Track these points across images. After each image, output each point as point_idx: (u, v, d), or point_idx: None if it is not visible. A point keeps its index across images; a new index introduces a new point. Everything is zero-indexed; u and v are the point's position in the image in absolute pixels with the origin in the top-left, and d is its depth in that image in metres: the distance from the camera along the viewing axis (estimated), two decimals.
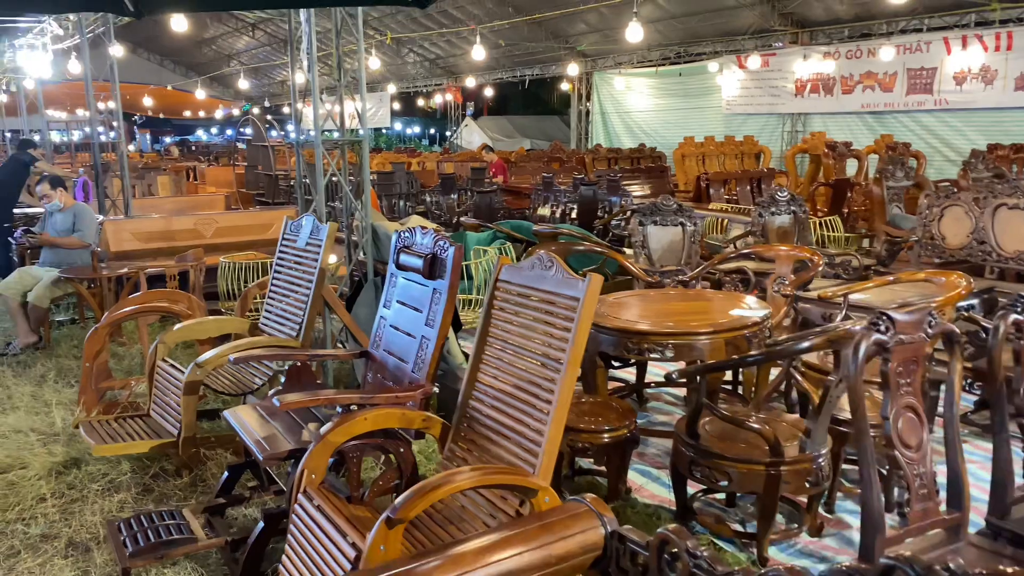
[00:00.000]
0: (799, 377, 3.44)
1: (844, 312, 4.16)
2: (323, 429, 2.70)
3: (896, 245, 6.78)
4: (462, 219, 7.44)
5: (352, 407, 2.86)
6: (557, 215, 9.97)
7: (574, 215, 9.00)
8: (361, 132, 4.63)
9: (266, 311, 4.46)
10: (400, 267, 3.40)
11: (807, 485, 3.00)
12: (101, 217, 7.70)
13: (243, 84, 24.22)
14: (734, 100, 17.20)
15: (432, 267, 3.18)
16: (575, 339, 2.49)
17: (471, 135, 25.91)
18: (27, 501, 3.58)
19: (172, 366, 4.13)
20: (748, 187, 11.30)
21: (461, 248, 3.08)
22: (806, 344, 2.83)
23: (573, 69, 18.19)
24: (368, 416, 2.74)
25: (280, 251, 4.51)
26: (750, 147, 15.72)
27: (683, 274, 5.49)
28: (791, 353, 3.02)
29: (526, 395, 2.63)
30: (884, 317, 2.17)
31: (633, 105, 19.93)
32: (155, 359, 4.23)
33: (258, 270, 6.18)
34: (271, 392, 3.44)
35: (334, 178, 4.67)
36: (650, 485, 3.67)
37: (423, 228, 3.34)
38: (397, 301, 3.41)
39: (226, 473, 3.33)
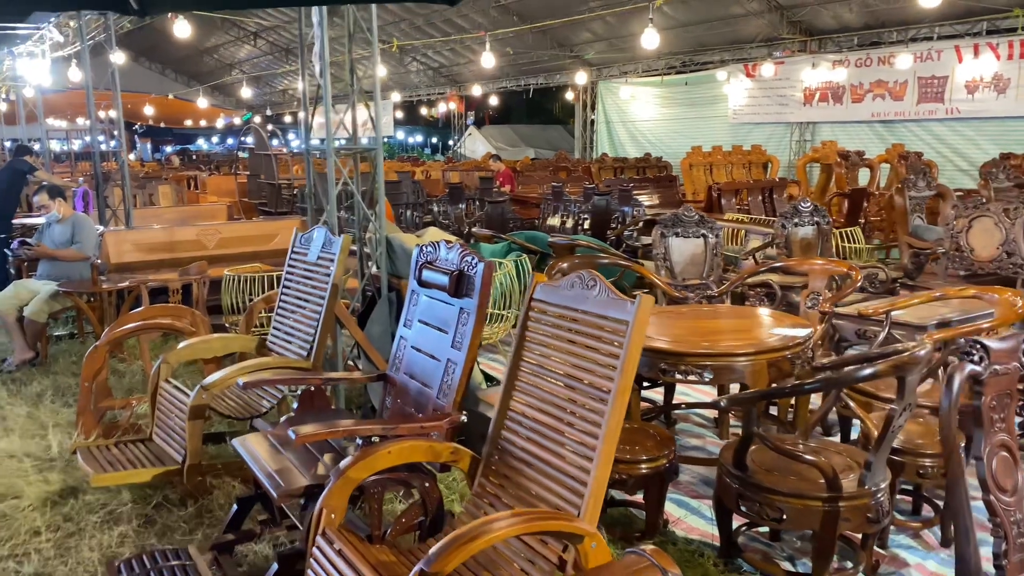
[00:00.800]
0: (849, 402, 3.20)
1: (887, 331, 3.94)
2: (343, 464, 2.47)
3: (922, 257, 6.56)
4: (474, 230, 7.21)
5: (373, 438, 2.63)
6: (568, 225, 9.75)
7: (587, 225, 8.77)
8: (375, 140, 4.40)
9: (274, 329, 4.23)
10: (423, 284, 3.17)
11: (867, 522, 2.76)
12: (101, 228, 7.48)
13: (245, 92, 24.04)
14: (741, 109, 17.02)
15: (459, 285, 2.95)
16: (624, 366, 2.26)
17: (474, 144, 25.75)
18: (20, 535, 3.34)
19: (176, 388, 3.89)
20: (760, 197, 11.09)
21: (492, 265, 2.85)
22: (869, 371, 2.60)
23: (582, 77, 18.00)
24: (392, 449, 2.51)
25: (289, 265, 4.28)
26: (758, 156, 15.54)
27: (708, 288, 5.27)
28: (853, 381, 2.79)
29: (568, 427, 2.40)
30: (978, 346, 1.94)
31: (638, 114, 19.74)
32: (158, 380, 4.00)
33: (263, 283, 5.95)
34: (283, 419, 3.21)
35: (346, 186, 4.44)
36: (689, 518, 3.43)
37: (447, 242, 3.12)
38: (419, 321, 3.18)
39: (235, 506, 3.10)
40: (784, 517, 2.77)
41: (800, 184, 12.06)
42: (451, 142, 29.31)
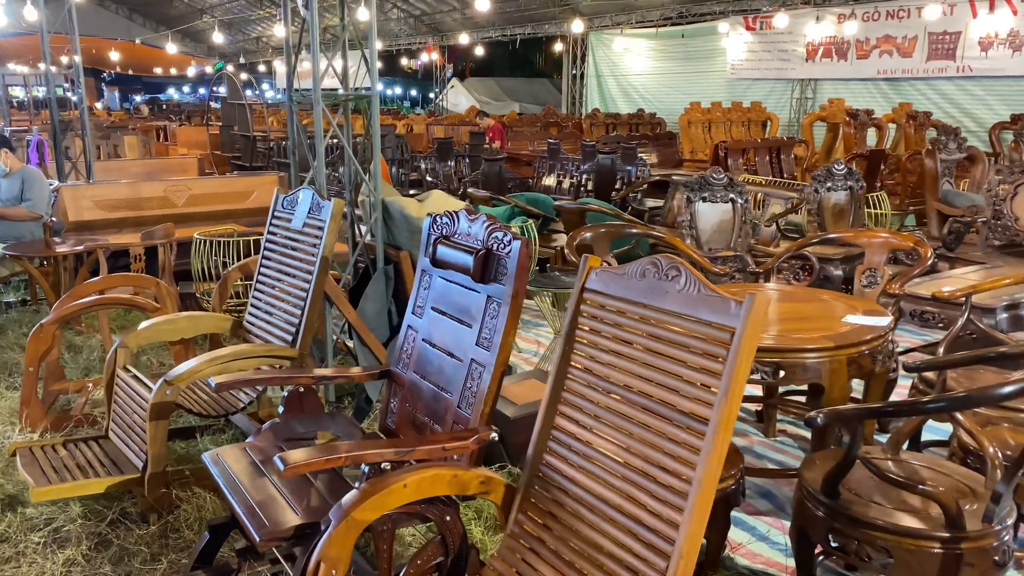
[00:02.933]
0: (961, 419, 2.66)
1: (966, 316, 3.40)
2: (346, 501, 1.90)
3: (962, 226, 6.04)
4: (470, 191, 6.58)
5: (383, 464, 2.05)
6: (565, 185, 9.14)
7: (590, 186, 8.16)
8: (369, 88, 3.75)
9: (252, 308, 3.61)
10: (437, 264, 2.56)
11: (993, 566, 2.24)
12: (56, 183, 6.75)
13: (217, 38, 22.90)
14: (740, 64, 16.32)
15: (486, 267, 2.36)
16: (730, 388, 1.69)
17: (457, 97, 24.83)
18: None
19: (136, 378, 3.27)
20: (767, 157, 10.50)
21: (529, 244, 2.25)
22: (1011, 389, 2.05)
23: (577, 26, 17.12)
24: (408, 482, 1.94)
25: (270, 232, 3.65)
26: (757, 114, 14.91)
27: (743, 263, 4.71)
28: (992, 401, 2.25)
29: (644, 462, 1.84)
30: None
31: (631, 68, 18.97)
32: (114, 367, 3.38)
33: (238, 248, 5.29)
34: (266, 425, 2.62)
35: (333, 139, 3.80)
36: (754, 544, 2.90)
37: (469, 213, 2.51)
38: (434, 308, 2.58)
39: (206, 535, 2.52)
40: (891, 560, 2.24)
41: (808, 144, 11.48)
42: (432, 95, 28.31)
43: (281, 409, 2.61)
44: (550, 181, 9.58)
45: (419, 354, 2.59)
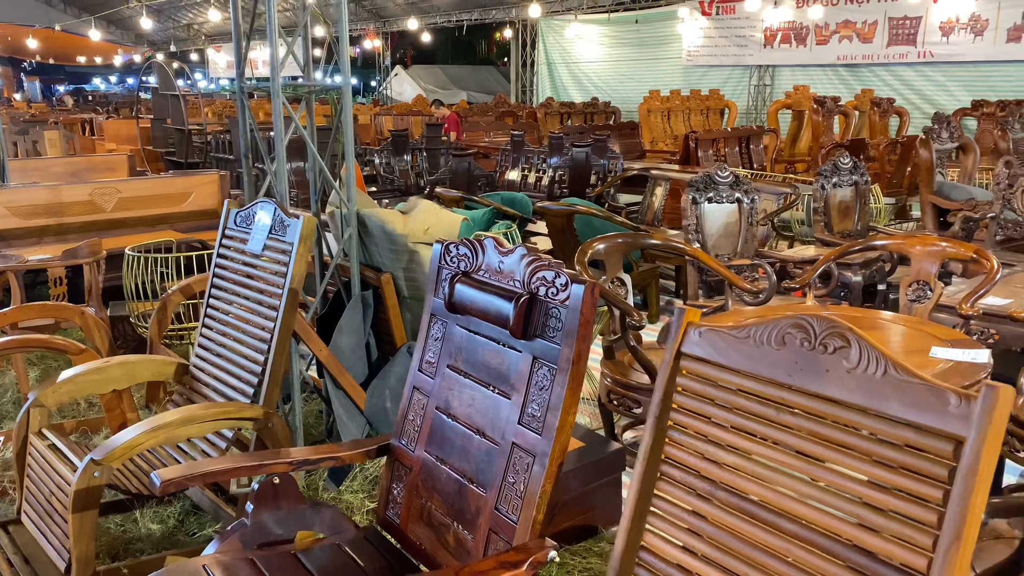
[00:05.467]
0: None
1: None
2: None
3: (975, 221, 5.65)
4: (439, 190, 5.94)
5: None
6: (531, 180, 8.53)
7: (565, 182, 7.57)
8: (340, 80, 3.08)
9: (200, 350, 2.94)
10: (455, 308, 1.95)
11: None
12: None
13: (145, 24, 21.61)
14: (696, 50, 15.92)
15: (530, 319, 1.75)
16: (959, 529, 1.12)
17: (401, 86, 23.97)
18: None
19: (53, 448, 2.58)
20: (737, 147, 10.09)
21: (595, 288, 1.66)
22: None
23: (535, 11, 16.44)
24: None
25: (220, 257, 2.97)
26: (716, 102, 14.54)
27: (754, 269, 4.19)
28: None
29: None
30: None
31: (583, 55, 18.43)
32: (26, 433, 2.68)
33: (179, 265, 4.55)
34: (232, 526, 1.97)
35: (294, 135, 3.13)
36: None
37: (497, 242, 1.90)
38: (450, 367, 1.97)
39: None
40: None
41: (776, 133, 11.11)
42: (374, 83, 27.36)
43: (250, 506, 1.97)
44: (514, 176, 8.96)
45: (433, 427, 1.98)
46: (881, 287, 4.84)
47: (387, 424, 3.27)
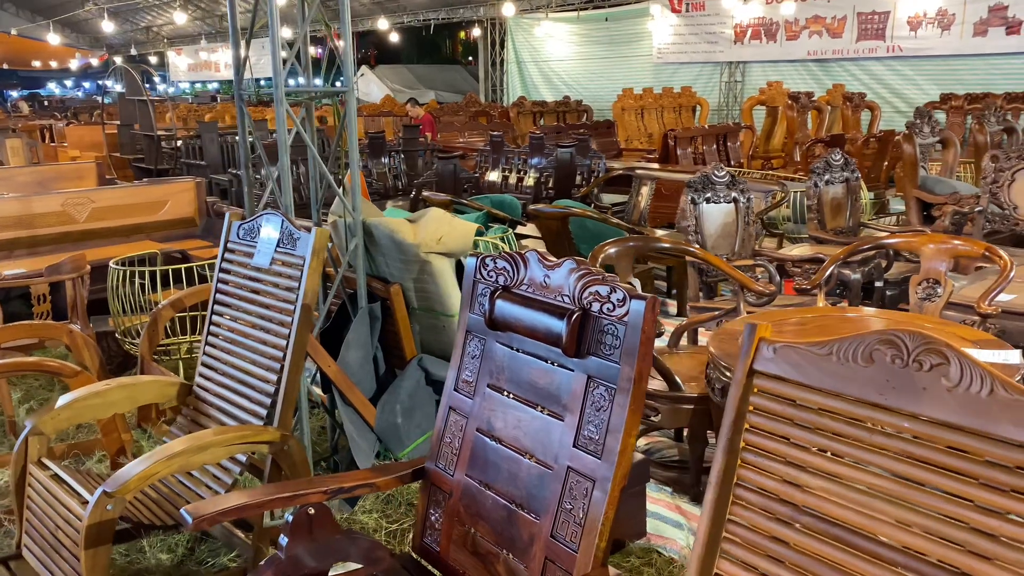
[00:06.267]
0: None
1: None
2: None
3: (960, 216, 5.68)
4: (426, 193, 5.83)
5: None
6: (512, 181, 8.44)
7: (550, 183, 7.50)
8: (343, 83, 2.98)
9: (205, 369, 2.81)
10: (496, 325, 1.86)
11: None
12: None
13: (107, 27, 21.13)
14: (666, 48, 15.95)
15: (582, 335, 1.67)
16: None
17: (368, 86, 23.70)
18: None
19: (57, 479, 2.44)
20: (715, 145, 10.10)
21: (656, 303, 1.58)
22: None
23: (508, 10, 16.34)
24: None
25: (222, 272, 2.85)
26: (688, 99, 14.59)
27: (765, 271, 4.16)
28: None
29: None
30: None
31: (553, 53, 18.38)
32: (25, 463, 2.53)
33: (166, 277, 4.39)
34: (264, 562, 1.87)
35: (297, 143, 3.01)
36: None
37: (541, 255, 1.82)
38: (492, 386, 1.88)
39: None
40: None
41: (752, 130, 11.15)
42: (339, 84, 27.02)
43: (284, 539, 1.86)
44: (494, 177, 8.88)
45: (475, 450, 1.89)
46: (878, 284, 4.84)
47: (398, 441, 3.17)
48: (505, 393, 1.85)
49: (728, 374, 2.58)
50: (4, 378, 3.66)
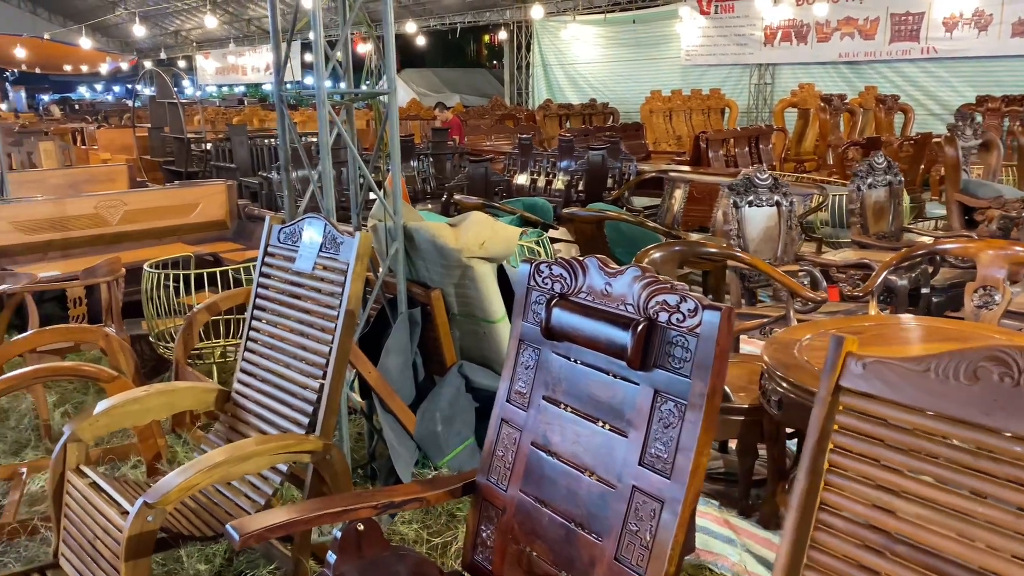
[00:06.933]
0: None
1: None
2: None
3: (1008, 220, 5.52)
4: (457, 197, 5.77)
5: None
6: (540, 184, 8.36)
7: (580, 186, 7.41)
8: (386, 84, 2.91)
9: (244, 375, 2.75)
10: (553, 334, 1.78)
11: None
12: None
13: (138, 31, 21.32)
14: (694, 50, 15.80)
15: (648, 347, 1.59)
16: None
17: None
18: None
19: (95, 487, 2.40)
20: (747, 147, 9.96)
21: (731, 314, 1.49)
22: None
23: (537, 12, 16.28)
24: None
25: (263, 276, 2.79)
26: (717, 102, 14.44)
27: (811, 277, 4.04)
28: None
29: None
30: None
31: (579, 56, 18.28)
32: (63, 470, 2.49)
33: (201, 280, 4.36)
34: None
35: (307, 142, 2.94)
36: None
37: (602, 262, 1.73)
38: (547, 398, 1.80)
39: None
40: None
41: (784, 132, 11.00)
42: (365, 87, 27.10)
43: (332, 556, 1.79)
44: (523, 180, 8.81)
45: (530, 465, 1.81)
46: (925, 291, 4.70)
47: (437, 449, 3.10)
48: (562, 406, 1.77)
49: (784, 385, 2.48)
50: (40, 382, 3.63)
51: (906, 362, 1.30)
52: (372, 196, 3.03)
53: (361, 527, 1.80)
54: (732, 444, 3.32)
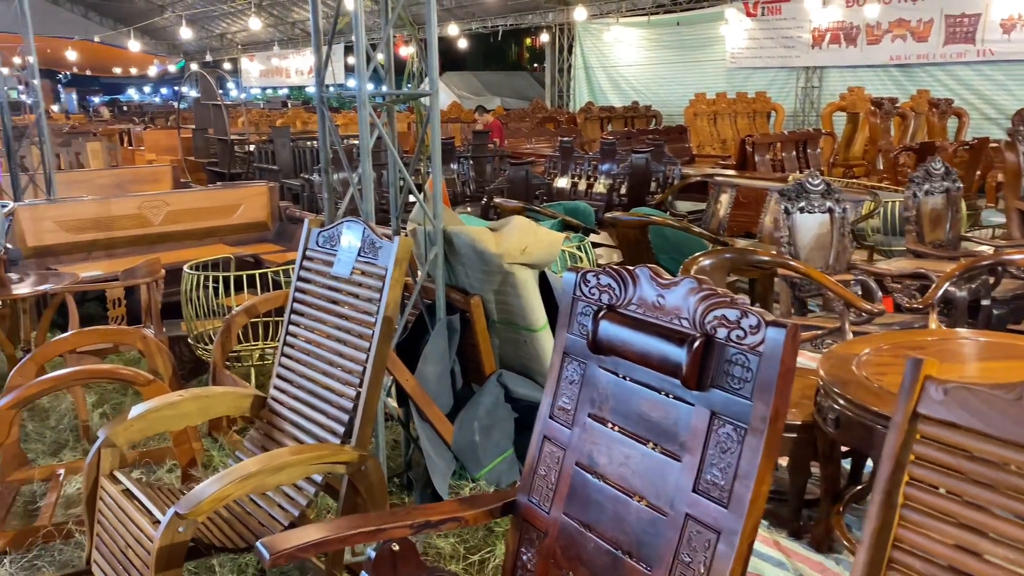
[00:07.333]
0: None
1: None
2: None
3: None
4: (497, 200, 5.69)
5: None
6: (582, 188, 8.24)
7: (623, 189, 7.29)
8: (428, 86, 2.84)
9: (280, 381, 2.70)
10: (600, 348, 1.68)
11: None
12: (9, 204, 5.74)
13: (185, 34, 21.66)
14: (740, 52, 15.54)
15: (705, 365, 1.48)
16: None
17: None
18: None
19: (128, 494, 2.35)
20: (794, 152, 9.73)
21: (797, 333, 1.38)
22: None
23: (580, 14, 16.17)
24: None
25: (300, 280, 2.73)
26: (762, 105, 14.19)
27: (864, 287, 3.88)
28: None
29: None
30: None
31: (621, 59, 18.12)
32: (96, 476, 2.45)
33: (240, 282, 4.34)
34: None
35: (348, 144, 2.87)
36: None
37: (654, 272, 1.63)
38: (594, 416, 1.70)
39: None
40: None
41: (833, 136, 10.74)
42: (407, 89, 27.18)
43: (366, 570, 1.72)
44: (563, 183, 8.70)
45: (574, 487, 1.71)
46: (985, 303, 4.50)
47: (475, 460, 3.02)
48: (610, 425, 1.67)
49: (841, 403, 2.35)
50: (78, 384, 3.63)
51: (995, 388, 1.18)
52: (412, 199, 2.97)
53: (396, 547, 1.72)
54: (782, 461, 3.18)
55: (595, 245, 6.02)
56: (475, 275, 2.91)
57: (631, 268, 1.68)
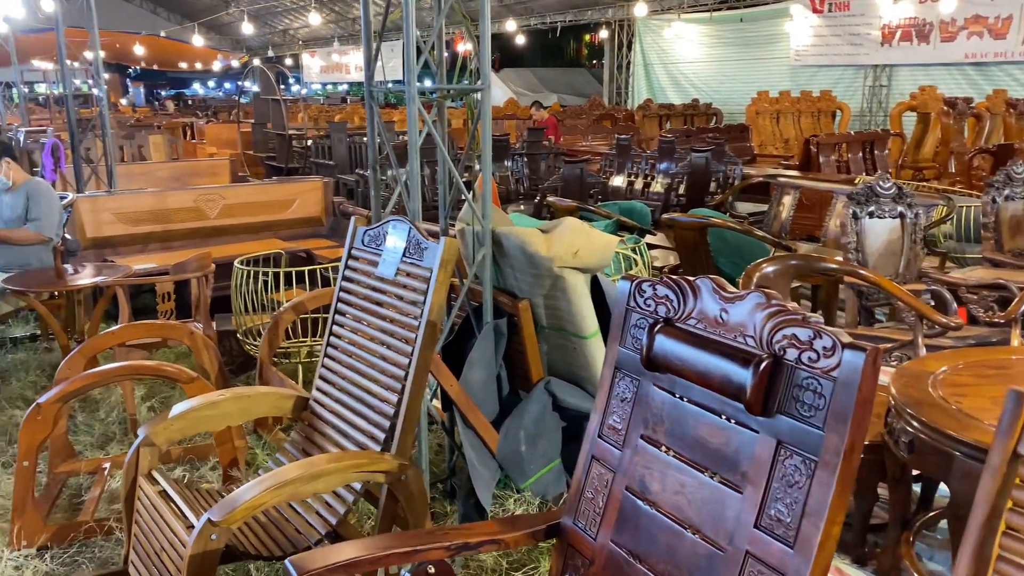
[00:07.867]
0: None
1: None
2: None
3: None
4: (550, 199, 5.57)
5: None
6: (638, 187, 8.06)
7: (681, 189, 7.09)
8: (480, 81, 2.74)
9: (322, 383, 2.63)
10: (655, 365, 1.56)
11: None
12: (69, 195, 5.82)
13: (247, 29, 22.02)
14: (805, 50, 15.10)
15: (771, 389, 1.34)
16: None
17: (491, 89, 23.76)
18: None
19: (164, 496, 2.31)
20: (860, 153, 9.39)
21: (877, 356, 1.23)
22: None
23: (641, 10, 15.94)
24: None
25: (345, 280, 2.65)
26: (827, 104, 13.76)
27: (938, 297, 3.66)
28: None
29: None
30: None
31: (682, 55, 17.79)
32: (135, 474, 2.41)
33: (289, 278, 4.30)
34: None
35: (402, 141, 2.78)
36: None
37: (716, 283, 1.49)
38: (647, 438, 1.58)
39: None
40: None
41: (902, 137, 10.33)
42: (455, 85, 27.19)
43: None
44: (619, 182, 8.52)
45: (623, 513, 1.59)
46: None
47: (520, 470, 2.91)
48: (664, 449, 1.54)
49: (916, 425, 2.17)
50: (124, 379, 3.63)
51: None
52: (463, 198, 2.87)
53: (432, 569, 1.62)
54: None
55: (651, 247, 5.85)
56: (524, 278, 2.80)
57: (691, 279, 1.54)
